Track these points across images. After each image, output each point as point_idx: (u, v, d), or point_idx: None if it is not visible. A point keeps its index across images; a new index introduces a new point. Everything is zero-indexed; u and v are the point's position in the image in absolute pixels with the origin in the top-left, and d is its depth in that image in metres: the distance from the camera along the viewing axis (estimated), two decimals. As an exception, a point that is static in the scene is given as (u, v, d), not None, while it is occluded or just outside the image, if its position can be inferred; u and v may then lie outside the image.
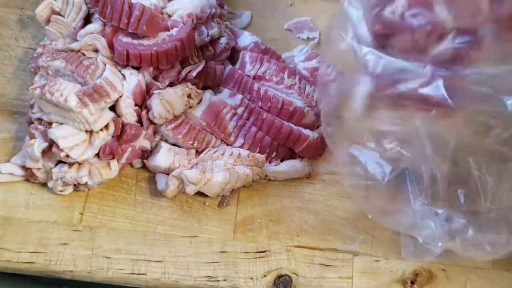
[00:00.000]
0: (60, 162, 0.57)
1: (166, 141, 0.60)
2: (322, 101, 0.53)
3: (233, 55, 0.66)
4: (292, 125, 0.61)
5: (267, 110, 0.61)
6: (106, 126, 0.57)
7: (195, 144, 0.59)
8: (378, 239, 0.57)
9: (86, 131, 0.56)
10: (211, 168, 0.57)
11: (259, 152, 0.60)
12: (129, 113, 0.58)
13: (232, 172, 0.57)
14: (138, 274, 0.55)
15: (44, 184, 0.59)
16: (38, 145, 0.56)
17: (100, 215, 0.57)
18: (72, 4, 0.63)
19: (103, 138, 0.56)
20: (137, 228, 0.57)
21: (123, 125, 0.58)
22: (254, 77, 0.64)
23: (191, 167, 0.58)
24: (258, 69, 0.63)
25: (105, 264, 0.55)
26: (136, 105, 0.59)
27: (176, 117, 0.59)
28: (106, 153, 0.57)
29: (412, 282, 0.55)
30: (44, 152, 0.56)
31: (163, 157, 0.58)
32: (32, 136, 0.57)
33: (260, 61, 0.64)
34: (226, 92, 0.63)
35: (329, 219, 0.58)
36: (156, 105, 0.57)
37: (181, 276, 0.55)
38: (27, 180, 0.59)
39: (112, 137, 0.57)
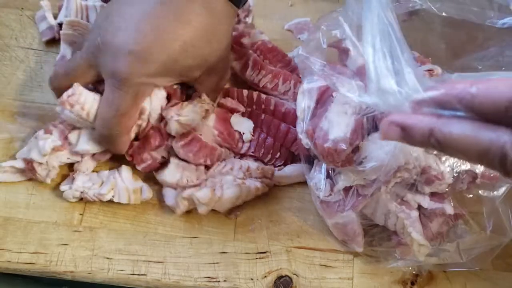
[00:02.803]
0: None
1: (176, 155, 0.59)
2: None
3: (239, 50, 0.67)
4: (291, 127, 0.61)
5: (263, 112, 0.62)
6: None
7: (207, 162, 0.58)
8: (379, 239, 0.57)
9: None
10: (220, 185, 0.56)
11: (264, 153, 0.60)
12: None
13: (243, 187, 0.56)
14: (138, 274, 0.55)
15: (44, 185, 0.58)
16: (52, 141, 0.56)
17: (101, 216, 0.57)
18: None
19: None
20: (137, 228, 0.57)
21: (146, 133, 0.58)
22: (252, 83, 0.64)
23: (200, 183, 0.57)
24: (256, 76, 0.64)
25: (106, 264, 0.55)
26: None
27: (186, 133, 0.57)
28: (129, 153, 0.57)
29: (412, 283, 0.55)
30: (53, 150, 0.56)
31: (171, 173, 0.57)
32: (48, 132, 0.57)
33: (258, 69, 0.64)
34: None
35: (330, 219, 0.58)
36: (175, 126, 0.56)
37: (181, 277, 0.55)
38: (28, 180, 0.59)
39: (136, 139, 0.58)
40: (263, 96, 0.62)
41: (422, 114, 0.32)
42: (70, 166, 0.59)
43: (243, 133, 0.60)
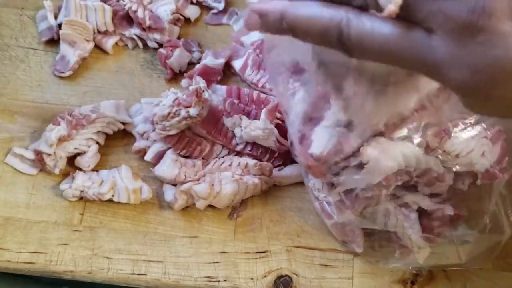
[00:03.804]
0: (78, 169, 0.59)
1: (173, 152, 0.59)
2: None
3: (239, 50, 0.67)
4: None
5: None
6: None
7: (185, 153, 0.59)
8: (379, 239, 0.57)
9: None
10: (219, 181, 0.56)
11: (262, 152, 0.60)
12: None
13: (241, 183, 0.56)
14: (138, 274, 0.55)
15: (44, 184, 0.59)
16: (57, 130, 0.57)
17: (101, 215, 0.57)
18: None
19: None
20: (137, 228, 0.57)
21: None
22: (251, 82, 0.64)
23: (198, 179, 0.57)
24: (255, 76, 0.64)
25: (106, 264, 0.55)
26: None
27: None
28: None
29: (413, 283, 0.55)
30: (60, 141, 0.57)
31: (169, 168, 0.57)
32: (56, 123, 0.58)
33: (257, 68, 0.64)
34: (220, 95, 0.63)
35: (330, 219, 0.58)
36: None
37: (181, 277, 0.55)
38: (30, 177, 0.59)
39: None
40: (263, 95, 0.62)
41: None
42: (72, 165, 0.59)
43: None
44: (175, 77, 0.66)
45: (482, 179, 0.50)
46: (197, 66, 0.65)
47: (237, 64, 0.66)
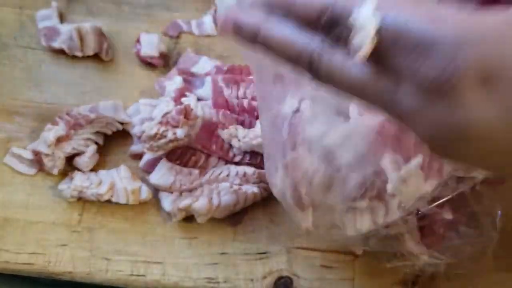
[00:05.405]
0: (77, 169, 0.58)
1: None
2: None
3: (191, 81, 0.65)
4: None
5: (256, 119, 0.60)
6: None
7: (178, 164, 0.58)
8: (379, 240, 0.57)
9: None
10: (217, 193, 0.56)
11: (261, 160, 0.59)
12: None
13: (240, 193, 0.56)
14: (137, 275, 0.54)
15: (43, 185, 0.58)
16: (55, 131, 0.57)
17: (99, 216, 0.57)
18: None
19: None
20: (136, 229, 0.57)
21: None
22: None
23: (195, 187, 0.57)
24: (237, 92, 0.62)
25: (104, 265, 0.55)
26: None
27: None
28: None
29: (413, 283, 0.55)
30: (58, 141, 0.57)
31: (164, 176, 0.57)
32: (55, 124, 0.58)
33: (236, 83, 0.62)
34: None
35: (330, 220, 0.58)
36: None
37: (180, 278, 0.54)
38: (28, 178, 0.58)
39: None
40: (254, 102, 0.61)
41: (256, 12, 0.33)
42: (70, 166, 0.59)
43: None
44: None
45: (481, 184, 0.50)
46: None
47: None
